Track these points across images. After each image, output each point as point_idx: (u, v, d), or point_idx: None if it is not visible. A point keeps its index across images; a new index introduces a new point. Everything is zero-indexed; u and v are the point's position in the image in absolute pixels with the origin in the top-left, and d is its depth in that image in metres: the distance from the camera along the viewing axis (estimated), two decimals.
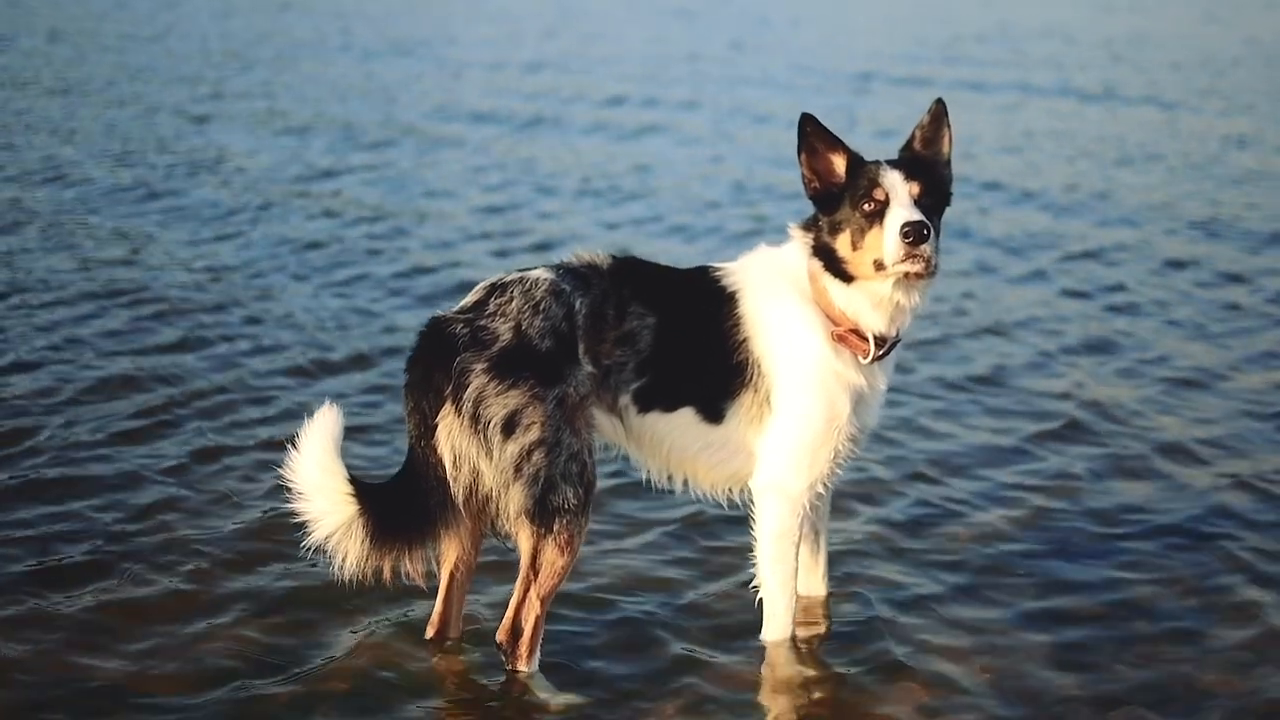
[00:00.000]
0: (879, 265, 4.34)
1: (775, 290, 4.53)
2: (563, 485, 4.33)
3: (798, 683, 4.66)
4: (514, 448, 4.29)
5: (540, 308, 4.36)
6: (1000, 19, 33.22)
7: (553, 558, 4.38)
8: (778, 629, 4.73)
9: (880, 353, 4.53)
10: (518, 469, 4.30)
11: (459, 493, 4.36)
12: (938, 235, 4.37)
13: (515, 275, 4.49)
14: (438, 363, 4.35)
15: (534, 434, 4.29)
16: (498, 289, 4.44)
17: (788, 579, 4.67)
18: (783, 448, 4.54)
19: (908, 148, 4.57)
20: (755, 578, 4.74)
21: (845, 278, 4.44)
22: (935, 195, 4.43)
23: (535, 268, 4.52)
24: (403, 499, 4.40)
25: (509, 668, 4.49)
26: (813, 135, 4.47)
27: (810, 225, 4.55)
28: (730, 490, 4.77)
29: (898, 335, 4.56)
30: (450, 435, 4.32)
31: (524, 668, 4.48)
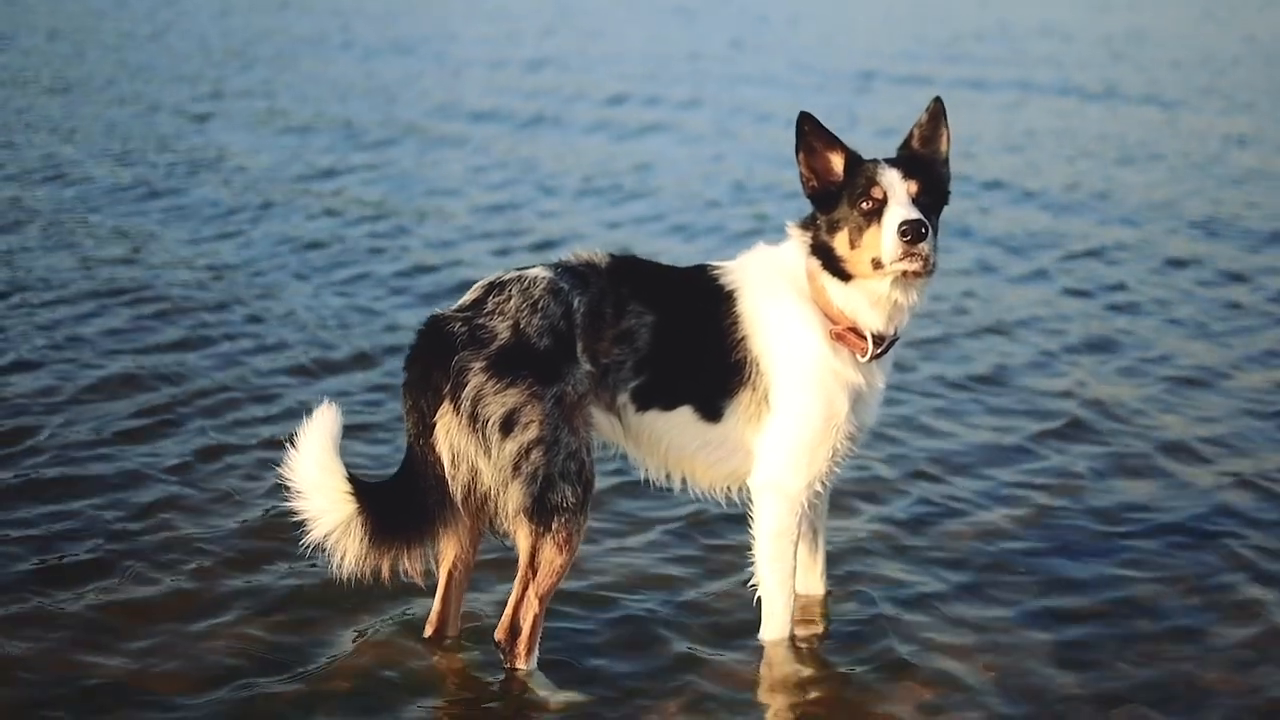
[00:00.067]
0: (877, 264, 4.34)
1: (773, 289, 4.53)
2: (561, 484, 4.33)
3: (798, 681, 4.65)
4: (512, 446, 4.29)
5: (538, 306, 4.36)
6: (999, 18, 33.19)
7: (551, 556, 4.38)
8: (776, 628, 4.73)
9: (879, 351, 4.53)
10: (516, 467, 4.30)
11: (457, 491, 4.36)
12: (936, 234, 4.37)
13: (513, 274, 4.50)
14: (436, 361, 4.35)
15: (532, 432, 4.29)
16: (496, 287, 4.44)
17: (786, 577, 4.67)
18: (781, 446, 4.54)
19: (906, 146, 4.57)
20: (753, 576, 4.74)
21: (843, 276, 4.44)
22: (933, 194, 4.43)
23: (533, 266, 4.52)
24: (401, 497, 4.40)
25: (507, 666, 4.50)
26: (811, 134, 4.47)
27: (808, 224, 4.55)
28: (728, 489, 4.77)
29: (896, 334, 4.56)
30: (449, 434, 4.32)
31: (522, 665, 4.48)
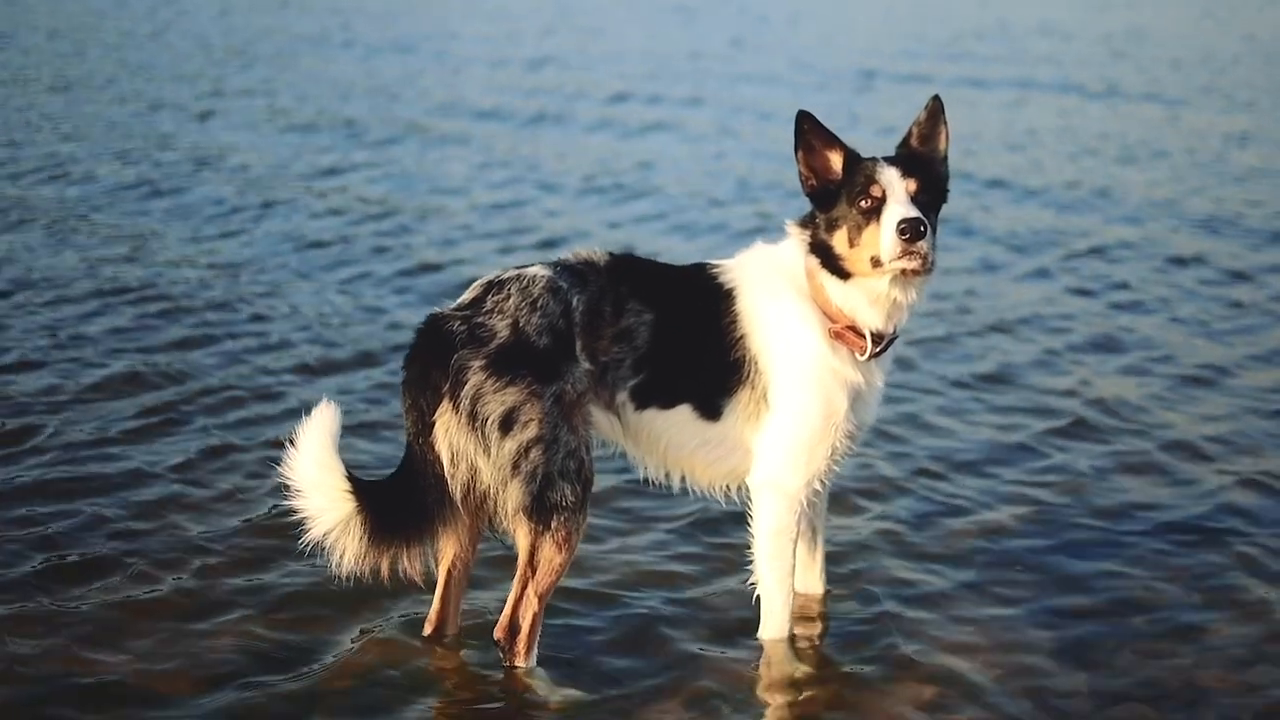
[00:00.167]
0: (876, 262, 4.34)
1: (772, 287, 4.53)
2: (560, 482, 4.33)
3: (800, 679, 4.65)
4: (511, 445, 4.29)
5: (538, 305, 4.36)
6: (999, 17, 33.23)
7: (550, 555, 4.38)
8: (775, 626, 4.72)
9: (878, 350, 4.53)
10: (515, 466, 4.30)
11: (457, 490, 4.36)
12: (934, 232, 4.37)
13: (513, 272, 4.49)
14: (435, 360, 4.34)
15: (531, 431, 4.29)
16: (495, 286, 4.43)
17: (785, 576, 4.67)
18: (780, 445, 4.53)
19: (904, 145, 4.56)
20: (753, 575, 4.74)
21: (842, 274, 4.44)
22: (932, 192, 4.43)
23: (532, 265, 4.52)
24: (401, 496, 4.40)
25: (507, 664, 4.50)
26: (810, 132, 4.47)
27: (807, 222, 4.55)
28: (727, 487, 4.77)
29: (895, 332, 4.56)
30: (448, 432, 4.32)
31: (522, 663, 4.48)
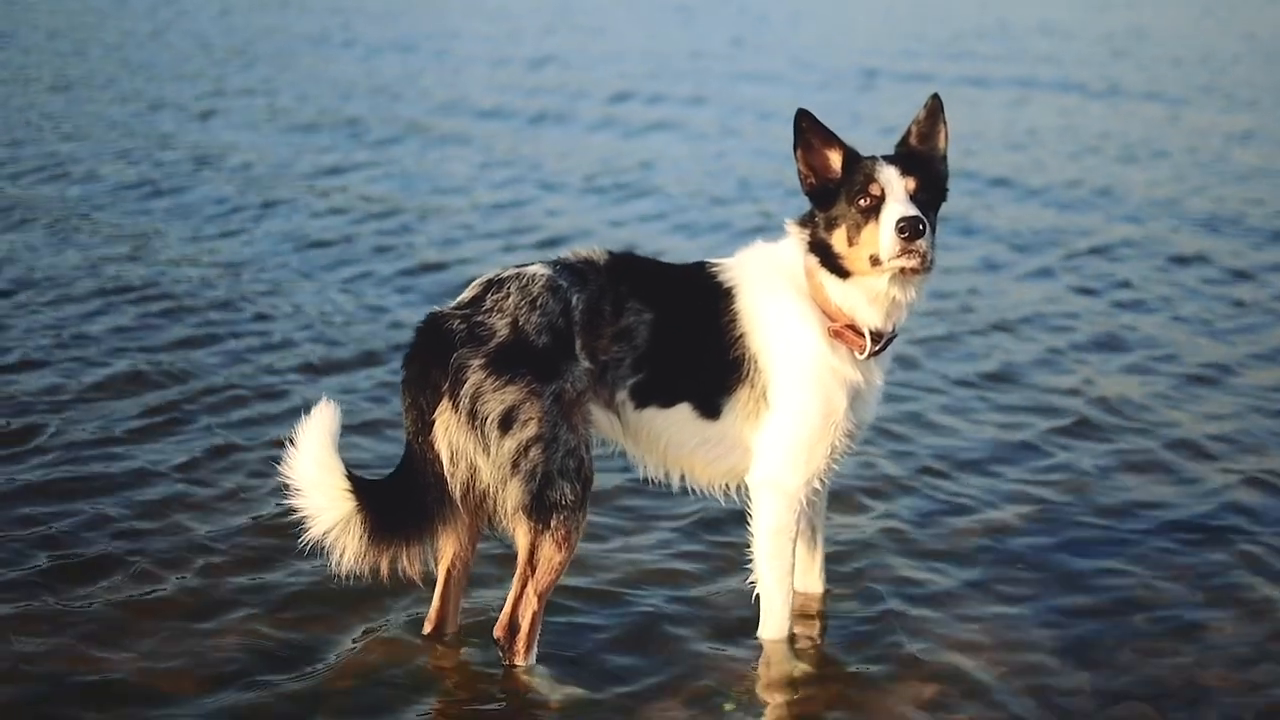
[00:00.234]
0: (875, 260, 4.34)
1: (772, 286, 4.53)
2: (560, 481, 4.33)
3: (805, 678, 4.65)
4: (511, 443, 4.28)
5: (537, 304, 4.36)
6: (999, 16, 33.22)
7: (550, 553, 4.38)
8: (775, 625, 4.72)
9: (877, 348, 4.52)
10: (515, 465, 4.30)
11: (456, 488, 4.36)
12: (934, 230, 4.36)
13: (512, 271, 4.49)
14: (435, 359, 4.34)
15: (531, 430, 4.29)
16: (495, 285, 4.43)
17: (784, 575, 4.67)
18: (779, 443, 4.53)
19: (904, 143, 4.56)
20: (752, 574, 4.74)
21: (841, 273, 4.44)
22: (931, 191, 4.42)
23: (532, 264, 4.51)
24: (400, 495, 4.40)
25: (507, 663, 4.50)
26: (809, 131, 4.47)
27: (806, 221, 4.54)
28: (727, 486, 4.76)
29: (894, 331, 4.56)
30: (448, 431, 4.31)
31: (521, 662, 4.48)
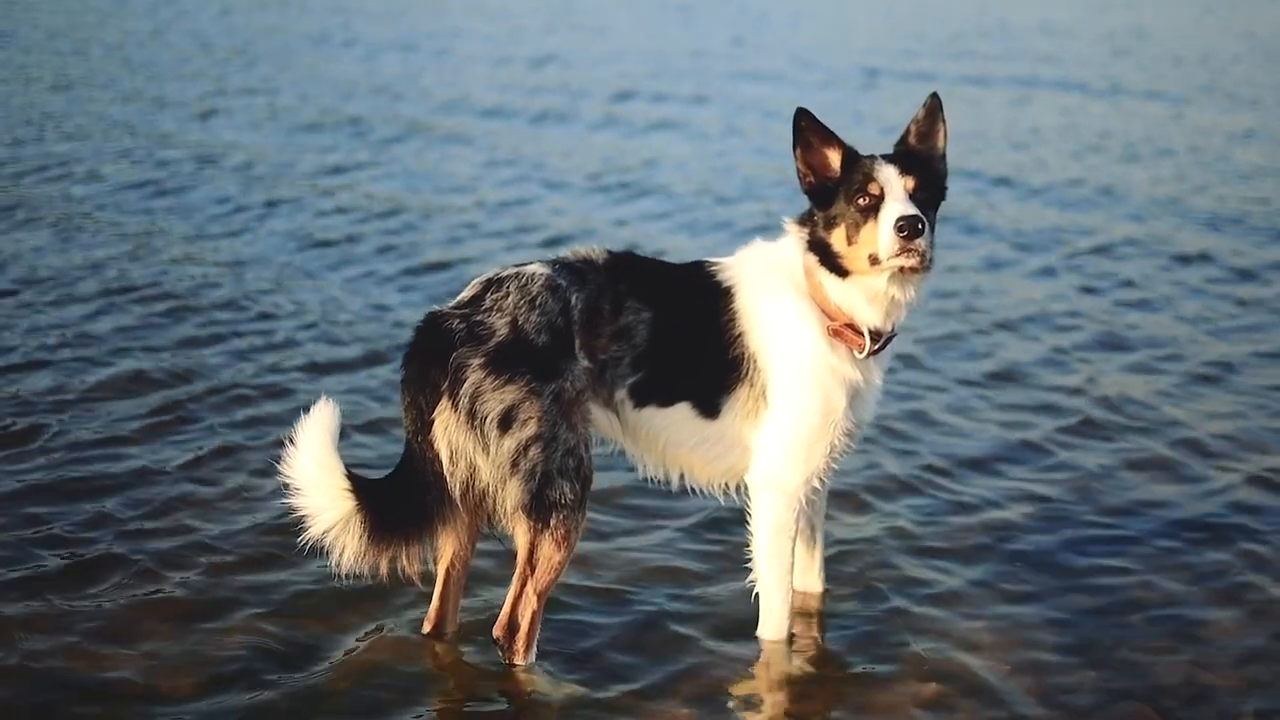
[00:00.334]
0: (874, 260, 4.33)
1: (771, 285, 4.53)
2: (559, 480, 4.33)
3: (809, 676, 4.66)
4: (511, 443, 4.29)
5: (536, 303, 4.36)
6: (999, 15, 33.24)
7: (549, 553, 4.38)
8: (774, 624, 4.72)
9: (876, 347, 4.52)
10: (514, 464, 4.30)
11: (456, 488, 4.36)
12: (933, 230, 4.36)
13: (511, 270, 4.49)
14: (434, 358, 4.34)
15: (530, 429, 4.29)
16: (494, 284, 4.43)
17: (784, 574, 4.67)
18: (778, 442, 4.53)
19: (903, 142, 4.56)
20: (752, 573, 4.74)
21: (840, 272, 4.43)
22: (930, 190, 4.42)
23: (531, 263, 4.51)
24: (400, 494, 4.40)
25: (506, 662, 4.50)
26: (808, 130, 4.46)
27: (805, 220, 4.55)
28: (726, 485, 4.76)
29: (893, 330, 4.56)
30: (447, 430, 4.31)
31: (521, 661, 4.49)
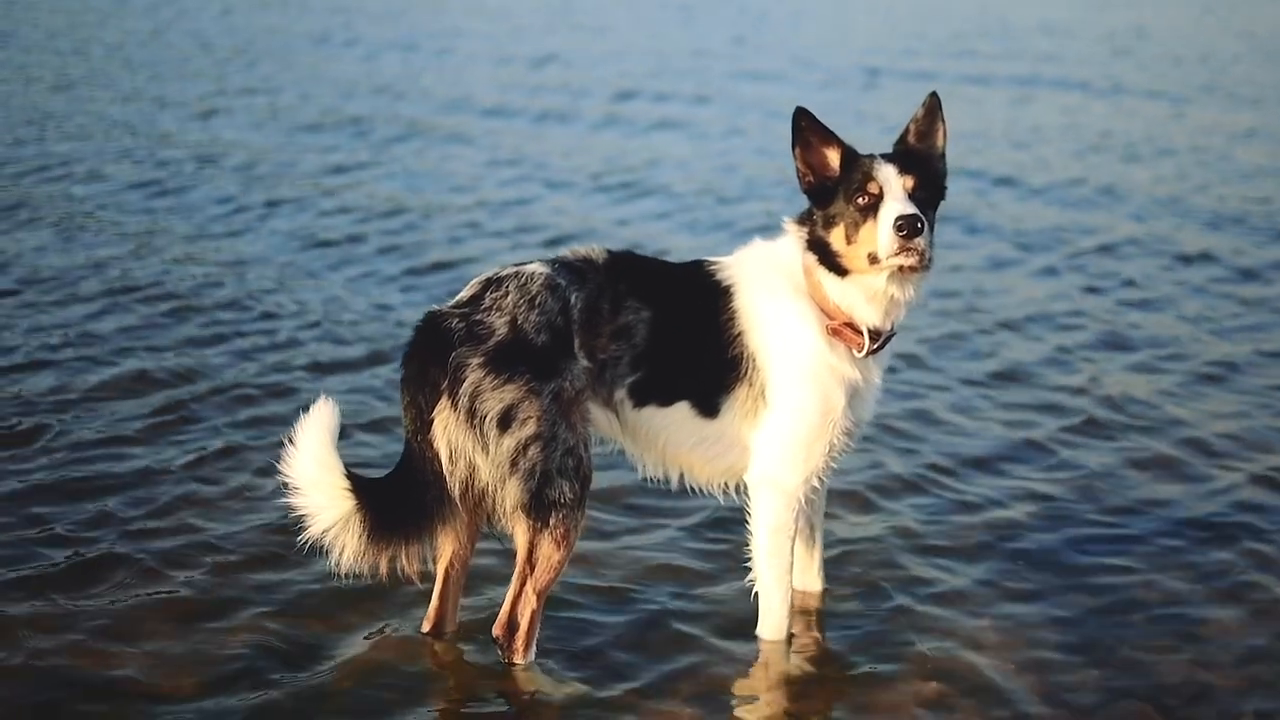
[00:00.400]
0: (873, 259, 4.33)
1: (770, 284, 4.52)
2: (559, 480, 4.33)
3: (812, 675, 4.66)
4: (510, 442, 4.28)
5: (536, 302, 4.36)
6: (1000, 15, 33.24)
7: (549, 552, 4.38)
8: (774, 624, 4.72)
9: (875, 346, 4.52)
10: (514, 463, 4.30)
11: (455, 487, 4.35)
12: (932, 229, 4.36)
13: (510, 270, 4.49)
14: (434, 357, 4.34)
15: (530, 428, 4.29)
16: (493, 283, 4.43)
17: (783, 574, 4.67)
18: (778, 441, 4.53)
19: (902, 141, 4.56)
20: (751, 573, 4.73)
21: (839, 271, 4.43)
22: (930, 189, 4.42)
23: (530, 262, 4.51)
24: (399, 493, 4.40)
25: (506, 661, 4.50)
26: (807, 129, 4.46)
27: (804, 219, 4.54)
28: (726, 484, 4.76)
29: (892, 329, 4.56)
30: (446, 430, 4.31)
31: (520, 660, 4.49)
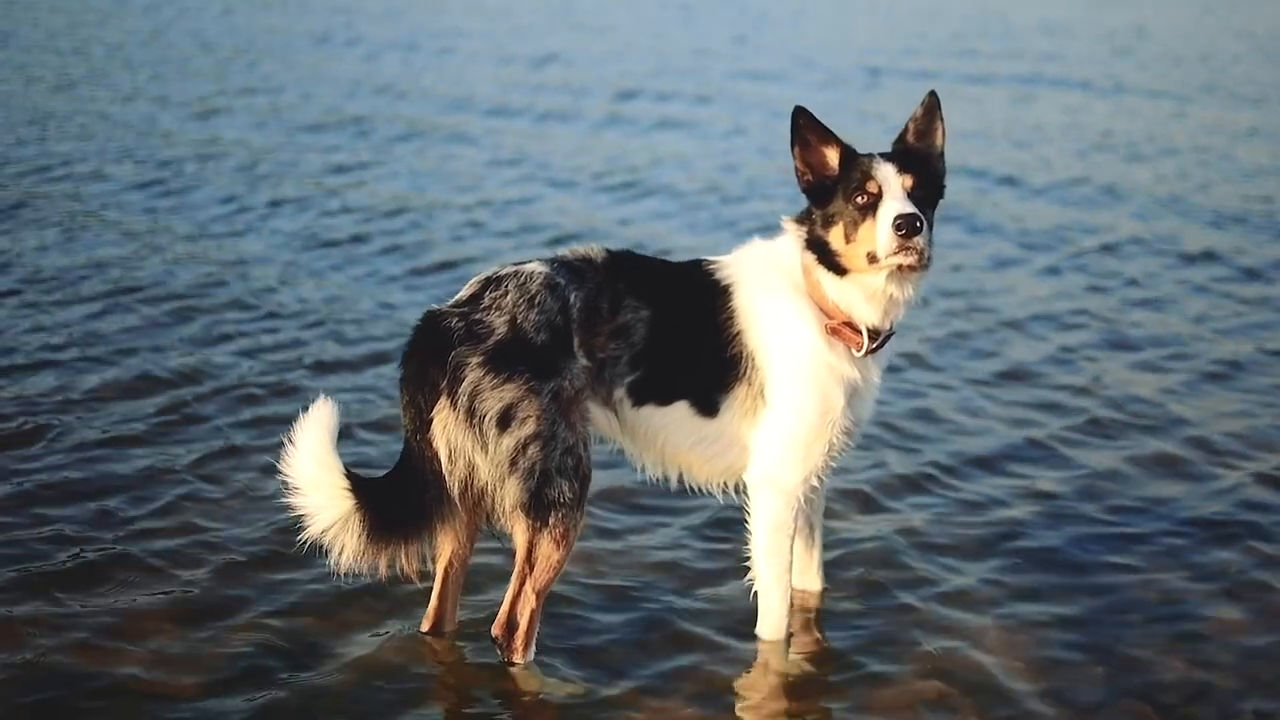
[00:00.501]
0: (872, 258, 4.33)
1: (769, 283, 4.52)
2: (558, 479, 4.33)
3: (814, 674, 4.66)
4: (509, 441, 4.28)
5: (535, 301, 4.35)
6: (1000, 15, 33.24)
7: (548, 551, 4.38)
8: (773, 623, 4.72)
9: (874, 345, 4.52)
10: (513, 463, 4.30)
11: (455, 486, 4.35)
12: (931, 228, 4.36)
13: (510, 269, 4.49)
14: (433, 357, 4.33)
15: (529, 428, 4.29)
16: (492, 283, 4.43)
17: (782, 573, 4.66)
18: (777, 441, 4.53)
19: (901, 140, 4.55)
20: (751, 572, 4.73)
21: (838, 270, 4.43)
22: (928, 188, 4.41)
23: (530, 261, 4.51)
24: (399, 493, 4.40)
25: (505, 660, 4.51)
26: (805, 128, 4.46)
27: (803, 218, 4.54)
28: (725, 484, 4.76)
29: (891, 328, 4.56)
30: (446, 429, 4.31)
31: (519, 660, 4.49)
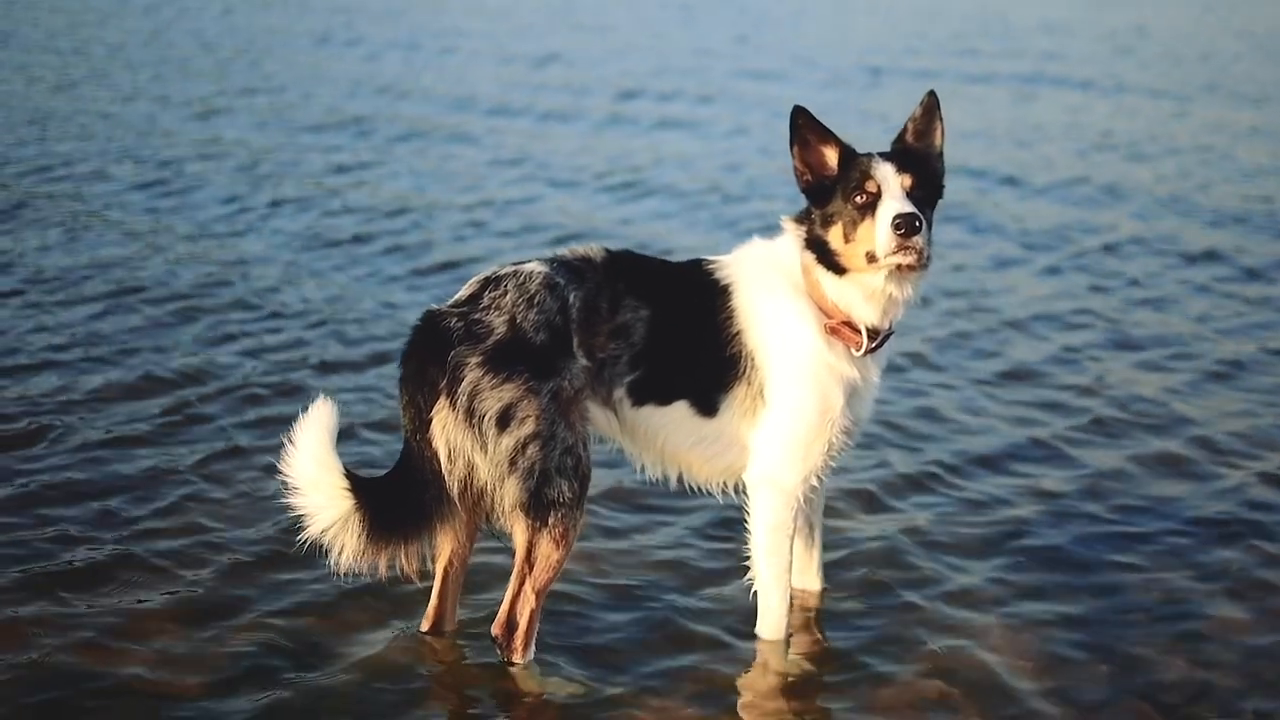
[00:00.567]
0: (871, 257, 4.33)
1: (768, 283, 4.53)
2: (558, 479, 4.33)
3: (813, 675, 4.66)
4: (509, 441, 4.28)
5: (534, 301, 4.36)
6: (1000, 15, 33.22)
7: (548, 551, 4.38)
8: (772, 623, 4.72)
9: (873, 345, 4.52)
10: (513, 462, 4.30)
11: (454, 486, 4.35)
12: (930, 227, 4.36)
13: (509, 268, 4.49)
14: (432, 357, 4.34)
15: (529, 427, 4.29)
16: (492, 282, 4.43)
17: (782, 573, 4.66)
18: (776, 440, 4.53)
19: (900, 140, 4.56)
20: (750, 572, 4.73)
21: (838, 270, 4.43)
22: (928, 187, 4.42)
23: (529, 261, 4.51)
24: (398, 493, 4.40)
25: (504, 660, 4.51)
26: (805, 127, 4.46)
27: (803, 218, 4.54)
28: (725, 483, 4.76)
29: (890, 327, 4.56)
30: (445, 429, 4.31)
31: (519, 659, 4.49)
